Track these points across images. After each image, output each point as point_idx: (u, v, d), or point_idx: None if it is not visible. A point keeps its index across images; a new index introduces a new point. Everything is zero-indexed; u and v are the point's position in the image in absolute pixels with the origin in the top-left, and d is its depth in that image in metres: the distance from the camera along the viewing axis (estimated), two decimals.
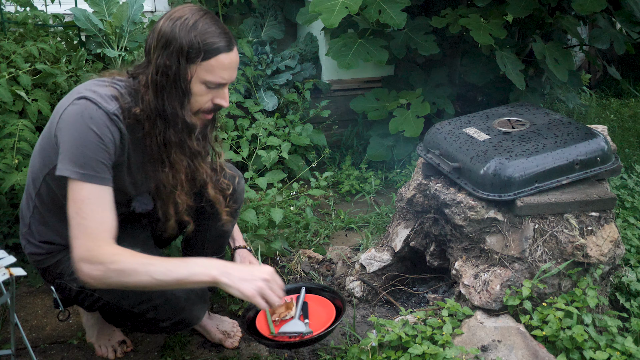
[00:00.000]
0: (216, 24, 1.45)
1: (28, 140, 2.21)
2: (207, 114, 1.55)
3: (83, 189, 1.39)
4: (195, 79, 1.45)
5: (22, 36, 2.64)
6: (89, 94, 1.43)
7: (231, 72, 1.49)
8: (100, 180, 1.41)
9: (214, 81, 1.46)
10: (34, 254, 1.65)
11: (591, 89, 5.23)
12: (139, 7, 2.86)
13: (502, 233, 1.85)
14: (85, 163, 1.39)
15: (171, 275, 1.39)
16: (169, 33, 1.42)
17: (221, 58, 1.44)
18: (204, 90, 1.47)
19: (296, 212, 2.71)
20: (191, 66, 1.43)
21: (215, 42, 1.43)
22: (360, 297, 2.19)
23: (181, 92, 1.46)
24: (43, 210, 1.60)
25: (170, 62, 1.42)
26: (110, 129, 1.42)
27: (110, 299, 1.59)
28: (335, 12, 2.81)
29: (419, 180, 2.12)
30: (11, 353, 1.57)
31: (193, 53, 1.42)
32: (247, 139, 3.10)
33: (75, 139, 1.39)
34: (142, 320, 1.61)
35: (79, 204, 1.39)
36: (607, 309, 1.88)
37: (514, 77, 3.00)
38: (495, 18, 3.06)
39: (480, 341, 1.70)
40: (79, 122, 1.39)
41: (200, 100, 1.49)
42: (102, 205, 1.41)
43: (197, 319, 1.67)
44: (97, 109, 1.41)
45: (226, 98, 1.53)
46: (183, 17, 1.43)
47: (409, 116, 3.17)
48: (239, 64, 1.99)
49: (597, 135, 1.93)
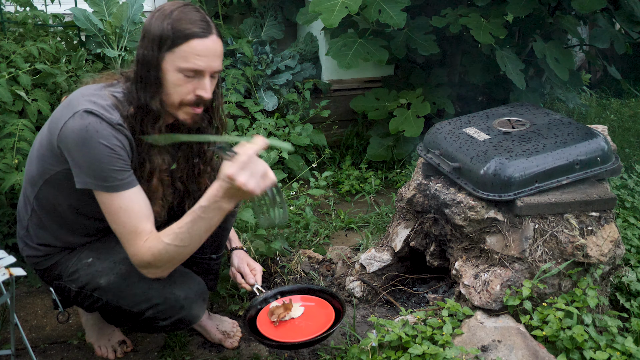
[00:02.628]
0: (193, 12, 1.44)
1: (28, 140, 2.21)
2: (194, 107, 1.51)
3: (114, 200, 1.45)
4: (170, 67, 1.43)
5: (22, 36, 2.64)
6: (90, 106, 1.43)
7: (208, 60, 1.44)
8: (125, 185, 1.45)
9: (188, 67, 1.43)
10: (31, 256, 1.65)
11: (591, 89, 5.23)
12: (139, 7, 2.86)
13: (502, 233, 1.85)
14: (107, 176, 1.42)
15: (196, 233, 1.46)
16: (147, 25, 1.45)
17: (193, 43, 1.42)
18: (181, 79, 1.45)
19: (296, 212, 2.71)
20: (164, 54, 1.43)
21: (187, 28, 1.41)
22: (360, 297, 2.19)
23: (153, 80, 1.45)
24: (41, 213, 1.60)
25: (146, 51, 1.43)
26: (118, 138, 1.43)
27: (109, 299, 1.59)
28: (335, 12, 2.80)
29: (419, 180, 2.12)
30: (11, 353, 1.57)
31: (165, 40, 1.41)
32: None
33: (89, 157, 1.41)
34: (141, 319, 1.60)
35: (114, 216, 1.46)
36: (607, 309, 1.88)
37: (514, 77, 3.00)
38: (495, 17, 3.06)
39: (480, 341, 1.70)
40: (87, 139, 1.40)
41: (179, 90, 1.46)
42: (135, 207, 1.46)
43: (197, 318, 1.67)
44: (101, 121, 1.41)
45: (207, 89, 1.47)
46: (162, 9, 1.45)
47: (409, 116, 3.17)
48: (239, 66, 1.98)
49: (597, 135, 1.93)
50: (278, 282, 2.26)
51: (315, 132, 3.35)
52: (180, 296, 1.60)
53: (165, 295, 1.58)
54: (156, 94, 1.46)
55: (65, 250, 1.64)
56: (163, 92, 1.47)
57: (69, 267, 1.62)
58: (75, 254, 1.63)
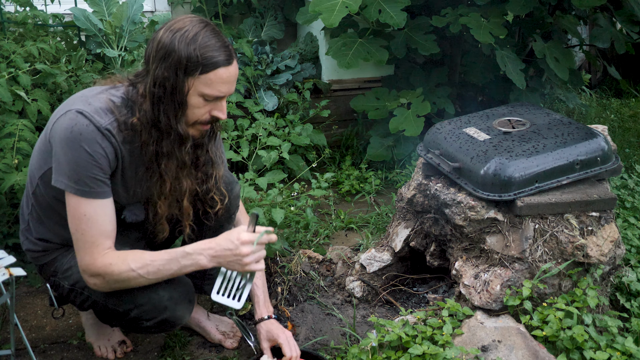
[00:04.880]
0: (216, 37, 1.44)
1: (28, 140, 2.21)
2: (204, 125, 1.54)
3: (80, 205, 1.45)
4: (193, 91, 1.44)
5: (21, 36, 2.64)
6: (83, 107, 1.43)
7: (229, 85, 1.48)
8: (96, 194, 1.45)
9: (212, 94, 1.46)
10: (30, 250, 1.67)
11: (591, 89, 5.23)
12: (139, 7, 2.86)
13: (502, 233, 1.85)
14: (79, 179, 1.43)
15: (163, 273, 1.50)
16: (169, 45, 1.41)
17: (220, 72, 1.43)
18: (201, 102, 1.47)
19: (296, 212, 2.71)
20: (189, 79, 1.42)
21: (215, 56, 1.42)
22: (360, 297, 2.19)
23: (177, 104, 1.45)
24: (39, 209, 1.61)
25: (168, 74, 1.42)
26: (102, 144, 1.43)
27: (97, 298, 1.59)
28: (335, 12, 2.80)
29: (419, 180, 2.12)
30: (11, 353, 1.57)
31: (191, 66, 1.41)
32: (247, 138, 3.10)
33: (67, 156, 1.42)
34: (127, 319, 1.61)
35: (77, 221, 1.47)
36: (608, 309, 1.88)
37: (514, 77, 3.00)
38: (495, 17, 3.06)
39: (480, 341, 1.70)
40: (70, 139, 1.41)
41: (197, 112, 1.48)
42: (99, 219, 1.47)
43: (182, 319, 1.65)
44: (88, 124, 1.42)
45: (224, 110, 1.52)
46: (183, 29, 1.42)
47: (409, 115, 3.17)
48: (238, 64, 1.98)
49: (598, 135, 1.92)
50: (278, 282, 2.25)
51: (315, 132, 3.35)
52: (165, 297, 1.58)
53: (149, 296, 1.57)
54: (182, 117, 1.48)
55: (63, 248, 1.65)
56: (180, 113, 1.48)
57: (64, 264, 1.63)
58: (71, 251, 1.63)
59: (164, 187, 1.55)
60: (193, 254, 1.49)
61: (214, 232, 1.84)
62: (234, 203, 1.82)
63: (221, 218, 1.77)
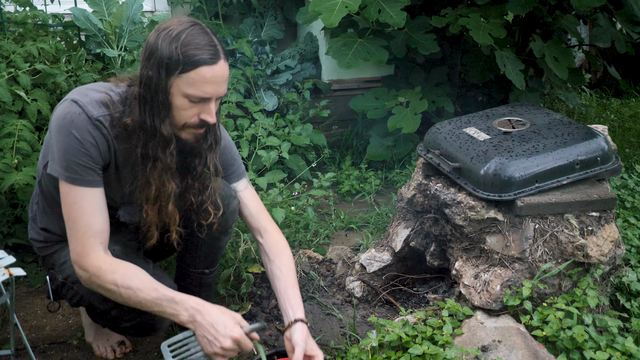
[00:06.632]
0: (202, 36, 1.40)
1: (27, 140, 2.21)
2: (197, 129, 1.49)
3: (71, 192, 1.44)
4: (176, 91, 1.40)
5: (21, 36, 2.64)
6: (79, 97, 1.44)
7: (215, 86, 1.41)
8: (86, 183, 1.44)
9: (196, 95, 1.40)
10: (34, 239, 1.68)
11: (591, 89, 5.23)
12: (139, 7, 2.85)
13: (502, 233, 1.85)
14: (69, 166, 1.42)
15: (142, 307, 1.44)
16: (152, 44, 1.40)
17: (202, 71, 1.38)
18: (187, 104, 1.42)
19: (296, 212, 2.71)
20: (171, 78, 1.39)
21: (196, 54, 1.37)
22: (360, 297, 2.19)
23: (160, 105, 1.42)
24: (43, 199, 1.63)
25: (152, 73, 1.39)
26: (92, 133, 1.42)
27: (83, 294, 1.59)
28: (335, 12, 2.80)
29: (419, 180, 2.11)
30: (11, 353, 1.57)
31: (172, 65, 1.37)
32: (246, 138, 3.10)
33: (59, 143, 1.42)
34: (107, 318, 1.60)
35: (68, 208, 1.45)
36: (608, 309, 1.88)
37: (514, 77, 3.00)
38: (495, 18, 3.06)
39: (480, 341, 1.69)
40: (61, 125, 1.42)
41: (184, 114, 1.44)
42: (89, 208, 1.45)
43: (160, 323, 1.62)
44: (81, 112, 1.41)
45: (212, 114, 1.45)
46: (168, 29, 1.40)
47: (407, 113, 3.16)
48: (239, 65, 1.96)
49: (598, 135, 1.92)
50: None
51: (315, 132, 3.35)
52: None
53: None
54: (166, 118, 1.44)
55: (64, 242, 1.65)
56: (164, 114, 1.44)
57: (61, 258, 1.63)
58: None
59: (149, 191, 1.51)
60: (179, 304, 1.42)
61: (208, 246, 1.84)
62: (230, 218, 1.76)
63: (215, 232, 1.73)
